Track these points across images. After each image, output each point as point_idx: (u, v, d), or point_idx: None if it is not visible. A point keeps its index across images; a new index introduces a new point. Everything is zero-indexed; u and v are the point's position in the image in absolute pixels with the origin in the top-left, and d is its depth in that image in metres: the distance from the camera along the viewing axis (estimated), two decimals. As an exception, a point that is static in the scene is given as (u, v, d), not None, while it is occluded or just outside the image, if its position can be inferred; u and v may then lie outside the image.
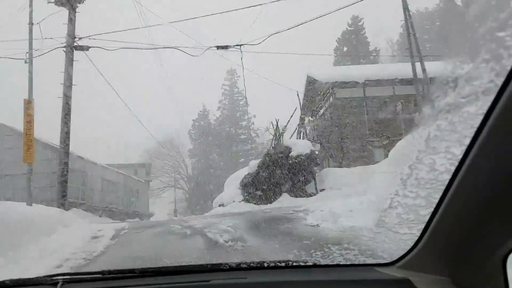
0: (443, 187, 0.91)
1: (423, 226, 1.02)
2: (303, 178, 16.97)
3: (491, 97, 0.76)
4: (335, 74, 23.25)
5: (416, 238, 1.07)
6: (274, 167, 17.07)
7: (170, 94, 65.39)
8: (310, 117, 23.46)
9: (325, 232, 5.38)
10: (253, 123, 53.90)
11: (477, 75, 0.82)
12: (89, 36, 12.69)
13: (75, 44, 12.51)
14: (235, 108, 53.98)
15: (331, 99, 22.34)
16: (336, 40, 44.98)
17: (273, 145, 18.13)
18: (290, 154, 17.22)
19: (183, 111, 67.85)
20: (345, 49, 44.36)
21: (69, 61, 12.45)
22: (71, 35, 12.48)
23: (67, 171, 13.07)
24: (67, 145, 13.18)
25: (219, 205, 18.58)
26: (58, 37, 12.64)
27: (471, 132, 0.79)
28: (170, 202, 55.17)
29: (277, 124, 18.89)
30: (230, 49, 13.82)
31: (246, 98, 54.42)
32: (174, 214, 39.84)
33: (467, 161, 0.84)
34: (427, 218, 0.99)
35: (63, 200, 12.53)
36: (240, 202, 17.20)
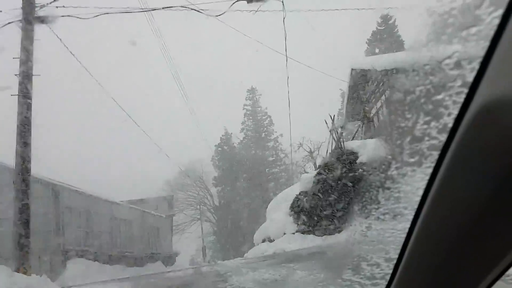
0: (404, 235, 0.86)
1: (392, 266, 0.95)
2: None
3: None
4: (389, 60, 18.35)
5: (388, 280, 1.00)
6: (337, 182, 11.87)
7: (191, 118, 61.10)
8: (366, 114, 18.25)
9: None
10: (280, 144, 49.06)
11: None
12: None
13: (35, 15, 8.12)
14: (259, 129, 49.30)
15: (388, 89, 17.26)
16: (366, 42, 40.28)
17: (332, 151, 12.96)
18: (358, 161, 12.04)
19: (204, 136, 63.12)
20: (377, 50, 39.52)
21: (28, 40, 8.01)
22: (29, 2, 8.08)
23: (28, 207, 8.26)
24: (27, 166, 8.45)
25: (264, 240, 13.34)
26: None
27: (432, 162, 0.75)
28: (197, 237, 49.95)
29: (333, 121, 13.83)
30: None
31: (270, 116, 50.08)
32: (203, 252, 34.42)
33: (431, 192, 0.79)
34: (392, 265, 0.95)
35: (23, 253, 7.62)
36: (294, 233, 11.97)
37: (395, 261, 0.95)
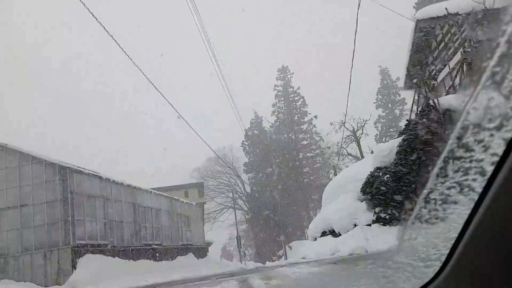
0: (468, 211, 0.84)
1: (447, 252, 0.94)
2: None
3: None
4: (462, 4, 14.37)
5: (439, 267, 0.99)
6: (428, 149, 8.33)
7: (222, 102, 58.14)
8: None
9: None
10: (314, 126, 45.31)
11: None
12: None
13: None
14: (292, 111, 45.66)
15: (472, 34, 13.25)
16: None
17: (420, 110, 9.31)
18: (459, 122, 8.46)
19: (234, 120, 60.05)
20: None
21: None
22: None
23: None
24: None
25: (323, 233, 10.02)
26: None
27: (501, 151, 0.73)
28: (229, 225, 47.39)
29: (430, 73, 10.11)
30: None
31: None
32: (237, 242, 31.49)
33: (498, 180, 0.75)
34: (451, 243, 0.92)
35: None
36: (370, 225, 8.57)
37: (453, 242, 0.91)
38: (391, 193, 8.32)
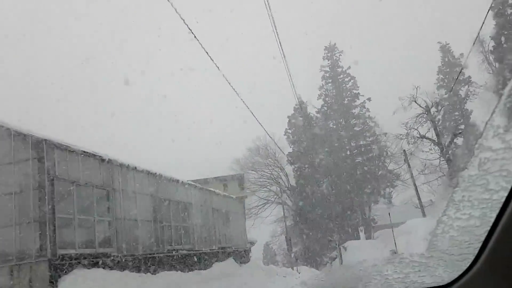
0: (499, 205, 0.84)
1: (479, 245, 0.95)
2: None
3: None
4: None
5: (472, 259, 0.98)
6: None
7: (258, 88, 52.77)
8: None
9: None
10: (368, 110, 39.36)
11: None
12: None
13: None
14: (342, 94, 39.98)
15: None
16: None
17: None
18: None
19: (274, 107, 54.42)
20: None
21: None
22: None
23: None
24: None
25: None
26: None
27: None
28: (272, 222, 42.75)
29: None
30: None
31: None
32: (286, 242, 26.47)
33: None
34: (483, 237, 0.93)
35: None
36: None
37: (485, 235, 0.88)
38: None
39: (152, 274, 11.05)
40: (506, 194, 0.81)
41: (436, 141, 23.07)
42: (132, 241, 10.82)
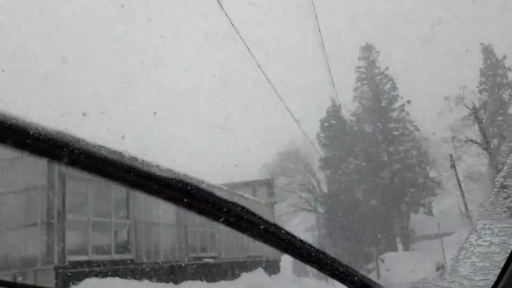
0: None
1: (499, 271, 1.00)
2: None
3: None
4: None
5: (492, 284, 1.03)
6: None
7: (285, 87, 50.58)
8: None
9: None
10: (407, 113, 37.00)
11: None
12: None
13: None
14: (379, 96, 37.87)
15: None
16: None
17: None
18: None
19: (305, 109, 52.24)
20: None
21: None
22: None
23: None
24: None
25: None
26: None
27: None
28: (304, 230, 41.00)
29: None
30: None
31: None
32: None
33: None
34: (502, 263, 0.99)
35: None
36: None
37: (504, 262, 0.92)
38: None
39: (174, 284, 9.93)
40: None
41: (485, 145, 20.76)
42: (153, 247, 9.76)
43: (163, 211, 10.33)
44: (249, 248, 16.35)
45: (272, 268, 18.00)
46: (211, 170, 30.42)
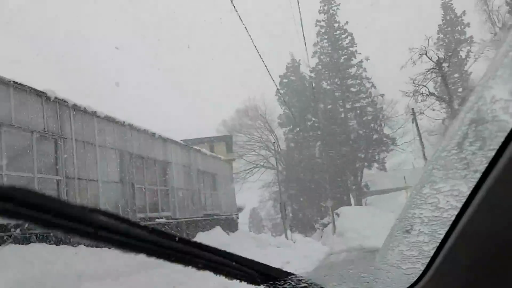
0: (449, 223, 0.87)
1: (427, 261, 0.97)
2: None
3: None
4: None
5: (420, 273, 1.01)
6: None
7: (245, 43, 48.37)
8: None
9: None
10: (365, 70, 36.71)
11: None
12: None
13: None
14: (338, 52, 37.05)
15: None
16: None
17: None
18: None
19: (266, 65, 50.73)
20: None
21: None
22: None
23: None
24: None
25: None
26: None
27: (482, 168, 0.75)
28: (260, 187, 40.91)
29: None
30: None
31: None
32: (280, 208, 24.34)
33: (478, 196, 0.76)
34: (431, 253, 0.96)
35: None
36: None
37: (438, 244, 0.93)
38: None
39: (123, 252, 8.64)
40: (456, 212, 0.82)
41: (447, 99, 20.76)
42: (101, 205, 8.29)
43: (103, 166, 8.76)
44: (206, 207, 15.31)
45: (230, 226, 17.23)
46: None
